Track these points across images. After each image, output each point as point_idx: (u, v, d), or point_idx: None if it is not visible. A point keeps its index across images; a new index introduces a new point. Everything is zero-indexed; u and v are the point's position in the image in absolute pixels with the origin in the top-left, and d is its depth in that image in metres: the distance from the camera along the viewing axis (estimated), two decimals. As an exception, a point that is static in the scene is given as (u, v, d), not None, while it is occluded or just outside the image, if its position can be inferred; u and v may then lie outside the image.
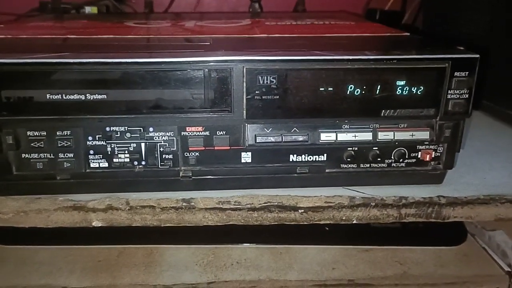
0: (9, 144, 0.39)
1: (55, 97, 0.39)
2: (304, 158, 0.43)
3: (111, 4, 0.87)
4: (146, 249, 0.59)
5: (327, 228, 0.59)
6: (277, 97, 0.40)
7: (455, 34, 0.74)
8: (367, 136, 0.42)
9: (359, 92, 0.40)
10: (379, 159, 0.43)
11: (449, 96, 0.41)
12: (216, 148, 0.42)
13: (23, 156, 0.40)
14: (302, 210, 0.43)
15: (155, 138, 0.41)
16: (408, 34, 0.52)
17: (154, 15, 0.82)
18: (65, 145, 0.41)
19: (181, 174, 0.43)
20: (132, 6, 0.90)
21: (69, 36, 0.50)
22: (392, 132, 0.42)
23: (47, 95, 0.39)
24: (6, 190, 0.42)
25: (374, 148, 0.43)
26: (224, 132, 0.42)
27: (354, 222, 0.43)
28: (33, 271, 0.55)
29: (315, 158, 0.43)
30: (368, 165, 0.44)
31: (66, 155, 0.41)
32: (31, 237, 0.60)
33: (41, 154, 0.41)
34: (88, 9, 0.85)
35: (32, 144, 0.40)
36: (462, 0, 0.72)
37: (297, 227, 0.45)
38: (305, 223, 0.43)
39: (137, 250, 0.58)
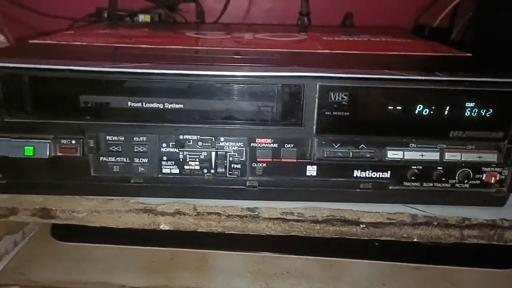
0: (91, 147, 0.42)
1: (136, 104, 0.41)
2: (368, 174, 0.44)
3: (164, 12, 0.90)
4: (197, 253, 0.60)
5: (377, 244, 0.60)
6: (347, 113, 0.41)
7: (507, 54, 0.73)
8: (434, 155, 0.42)
9: (427, 112, 0.41)
10: (443, 179, 0.43)
11: (518, 120, 0.41)
12: (283, 160, 0.43)
13: (101, 159, 0.42)
14: (364, 225, 0.43)
15: (225, 147, 0.43)
16: (470, 54, 0.52)
17: (211, 26, 0.84)
18: (141, 150, 0.42)
19: (247, 184, 0.44)
20: (184, 15, 0.92)
21: (141, 46, 0.52)
22: (460, 153, 0.42)
23: (129, 102, 0.41)
24: (82, 190, 0.44)
25: (439, 168, 0.43)
26: (292, 145, 0.43)
27: (415, 240, 0.44)
28: (91, 268, 0.57)
29: (379, 174, 0.44)
30: (431, 184, 0.44)
31: (141, 160, 0.43)
32: (85, 235, 0.62)
33: (118, 158, 0.42)
34: (141, 17, 0.88)
35: (110, 148, 0.42)
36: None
37: (346, 241, 0.45)
38: (366, 238, 0.44)
39: (189, 254, 0.60)
